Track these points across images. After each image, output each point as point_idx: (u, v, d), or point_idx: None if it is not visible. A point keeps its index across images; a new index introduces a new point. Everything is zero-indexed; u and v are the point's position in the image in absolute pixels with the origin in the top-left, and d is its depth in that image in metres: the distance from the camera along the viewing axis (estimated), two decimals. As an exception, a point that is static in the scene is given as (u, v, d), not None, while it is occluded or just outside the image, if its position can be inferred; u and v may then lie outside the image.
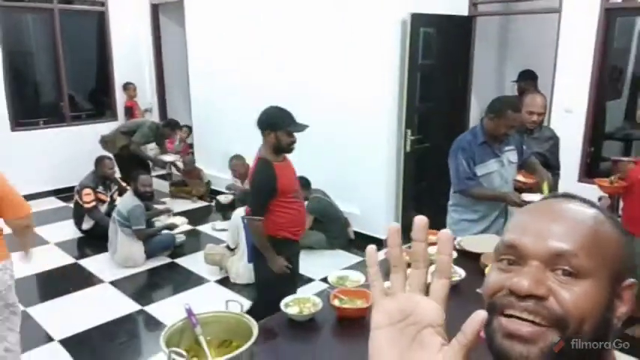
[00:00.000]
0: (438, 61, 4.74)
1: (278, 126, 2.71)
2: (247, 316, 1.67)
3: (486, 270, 2.25)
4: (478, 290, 2.16)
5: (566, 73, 4.24)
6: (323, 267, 4.18)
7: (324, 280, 3.31)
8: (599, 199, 3.88)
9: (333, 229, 4.76)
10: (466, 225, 3.00)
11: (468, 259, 2.45)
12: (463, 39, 4.97)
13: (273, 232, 2.85)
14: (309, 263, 4.14)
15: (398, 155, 4.67)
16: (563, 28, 4.22)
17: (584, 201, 0.67)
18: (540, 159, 3.43)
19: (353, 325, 1.92)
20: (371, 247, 0.58)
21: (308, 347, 1.83)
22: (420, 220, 0.55)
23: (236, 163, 5.48)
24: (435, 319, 0.54)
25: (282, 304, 1.96)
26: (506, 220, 3.00)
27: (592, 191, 3.84)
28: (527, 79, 4.84)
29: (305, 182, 4.44)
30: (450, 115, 5.01)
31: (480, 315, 0.51)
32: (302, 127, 2.78)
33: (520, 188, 3.19)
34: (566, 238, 0.60)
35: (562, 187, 3.90)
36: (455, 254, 2.46)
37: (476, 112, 5.78)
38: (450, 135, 4.94)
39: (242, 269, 4.11)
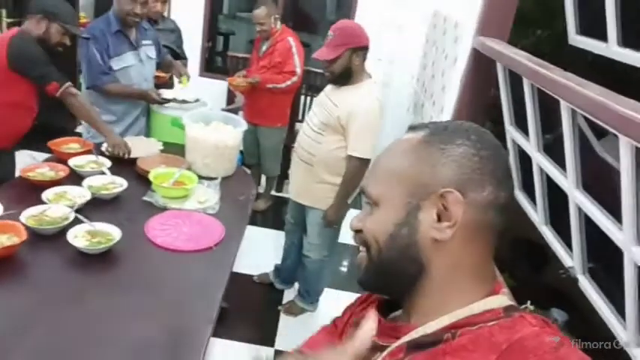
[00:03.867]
0: None
1: (57, 17, 2.17)
2: None
3: (150, 176, 2.10)
4: (144, 198, 2.02)
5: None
6: None
7: None
8: (234, 98, 4.06)
9: None
10: (105, 128, 2.68)
11: (124, 166, 2.23)
12: None
13: None
14: None
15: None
16: None
17: (425, 127, 0.65)
18: (168, 51, 3.34)
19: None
20: None
21: None
22: None
23: None
24: None
25: None
26: (149, 119, 2.84)
27: (213, 85, 4.09)
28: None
29: None
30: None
31: (370, 326, 0.62)
32: (80, 32, 2.29)
33: (155, 84, 3.04)
34: (369, 175, 0.69)
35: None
36: (108, 163, 2.21)
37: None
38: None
39: None
